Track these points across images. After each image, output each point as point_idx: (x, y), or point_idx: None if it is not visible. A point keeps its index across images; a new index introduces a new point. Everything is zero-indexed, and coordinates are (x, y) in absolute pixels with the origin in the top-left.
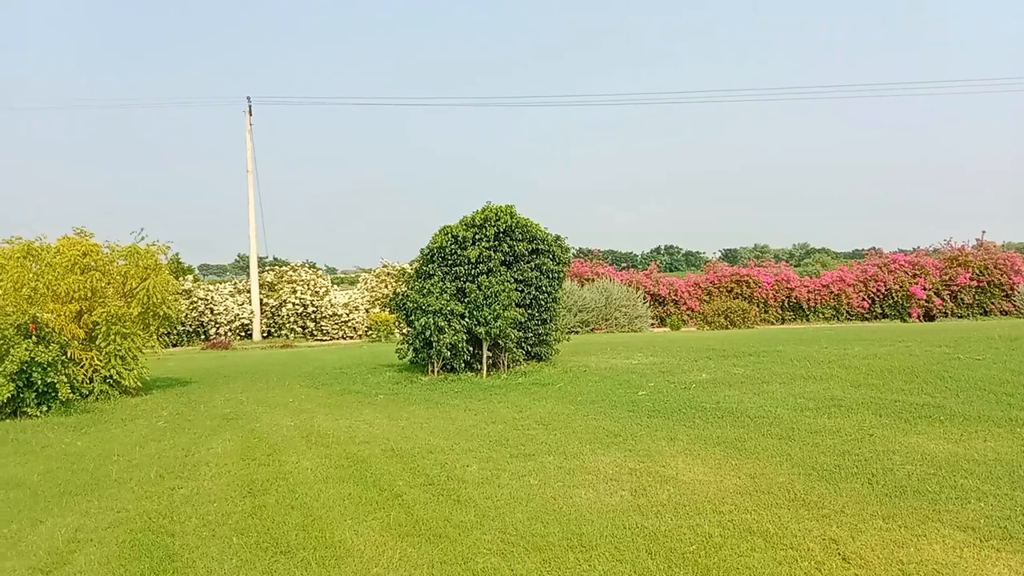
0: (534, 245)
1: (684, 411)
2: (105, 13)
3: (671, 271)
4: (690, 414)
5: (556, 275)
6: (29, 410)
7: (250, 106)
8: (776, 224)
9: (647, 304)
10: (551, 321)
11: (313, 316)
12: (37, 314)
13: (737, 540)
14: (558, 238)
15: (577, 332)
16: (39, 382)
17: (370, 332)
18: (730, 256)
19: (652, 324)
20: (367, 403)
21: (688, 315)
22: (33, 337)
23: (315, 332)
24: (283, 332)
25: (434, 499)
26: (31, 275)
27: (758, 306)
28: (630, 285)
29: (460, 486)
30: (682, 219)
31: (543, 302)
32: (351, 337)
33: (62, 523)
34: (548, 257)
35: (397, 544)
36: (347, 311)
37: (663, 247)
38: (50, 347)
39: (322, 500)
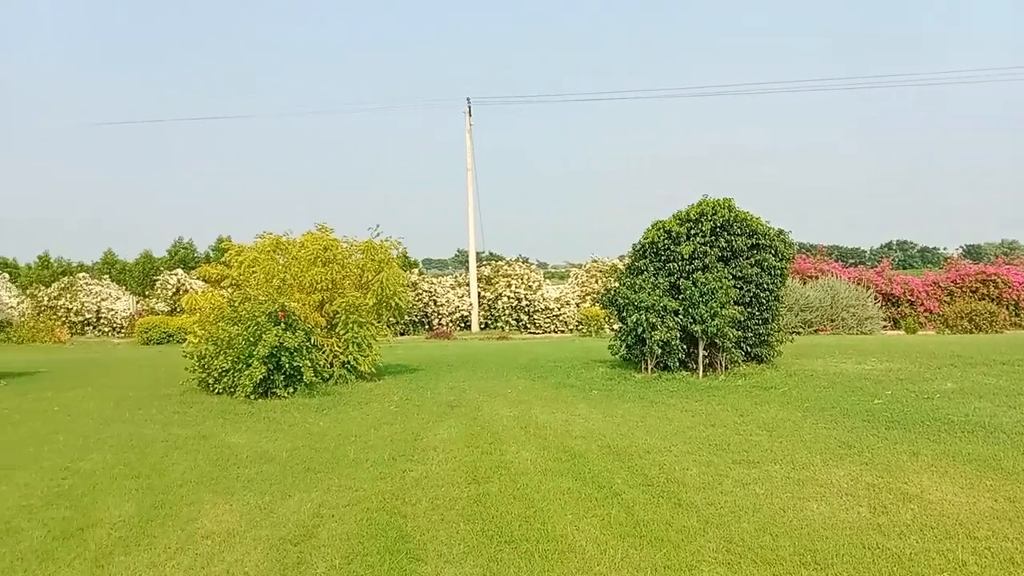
0: (754, 240)
1: (927, 423)
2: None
3: (904, 268)
4: (935, 427)
5: (778, 272)
6: (278, 391)
7: (470, 107)
8: None
9: (878, 304)
10: (773, 320)
11: (526, 309)
12: (285, 303)
13: (998, 570)
14: (780, 232)
15: (799, 333)
16: (287, 365)
17: (580, 327)
18: (973, 253)
19: (884, 326)
20: (582, 398)
21: (926, 317)
22: (282, 324)
23: (528, 325)
24: (499, 324)
25: (654, 500)
26: (280, 267)
27: (1008, 308)
28: (859, 283)
29: (680, 489)
30: (914, 213)
31: (764, 300)
32: (562, 331)
33: (307, 498)
34: (769, 252)
35: (618, 544)
36: (558, 305)
37: (895, 242)
38: (296, 333)
39: (542, 492)
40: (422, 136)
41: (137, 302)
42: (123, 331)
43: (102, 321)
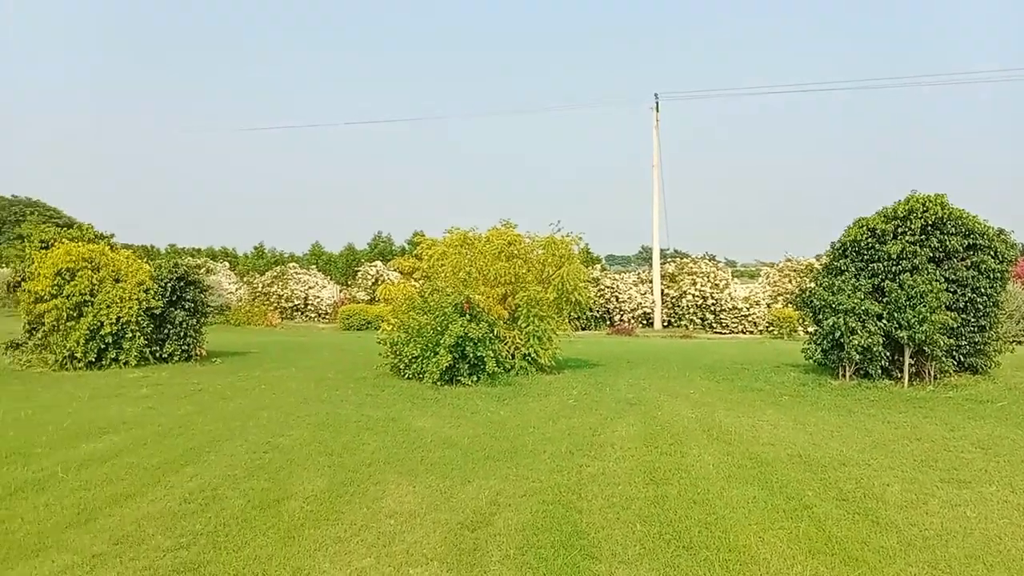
0: (970, 240)
1: None
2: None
3: None
4: None
5: (998, 275)
6: (462, 379)
7: (657, 103)
8: None
9: None
10: (991, 328)
11: (712, 308)
12: (470, 295)
13: None
14: (1001, 232)
15: (1021, 343)
16: (471, 355)
17: (771, 328)
18: None
19: None
20: (771, 403)
21: None
22: (467, 315)
23: (714, 324)
24: (682, 322)
25: (848, 517)
26: (466, 261)
27: None
28: None
29: (879, 506)
30: None
31: (981, 306)
32: (750, 332)
33: (485, 485)
34: (988, 254)
35: (807, 560)
36: (747, 305)
37: None
38: (480, 325)
39: (725, 499)
40: (609, 132)
41: (340, 290)
42: (327, 317)
43: (309, 307)
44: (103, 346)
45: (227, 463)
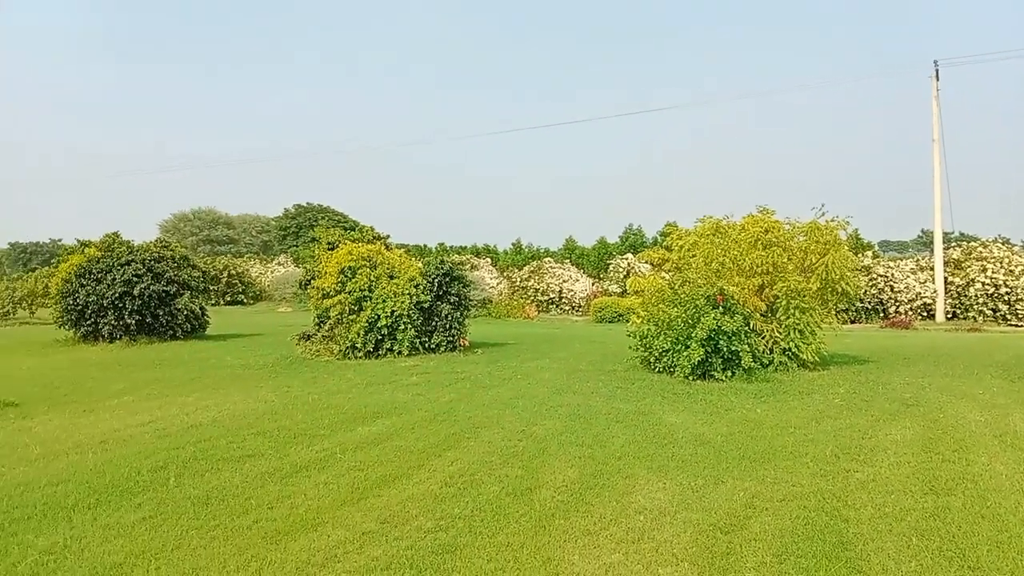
0: None
1: None
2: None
3: None
4: None
5: None
6: (715, 374)
7: (936, 71)
8: None
9: None
10: None
11: (1006, 298)
12: (723, 287)
13: None
14: None
15: None
16: (724, 349)
17: None
18: None
19: None
20: None
21: None
22: (720, 308)
23: (1008, 316)
24: (969, 314)
25: None
26: (719, 251)
27: None
28: None
29: None
30: None
31: None
32: None
33: (740, 487)
34: None
35: None
36: None
37: None
38: (735, 317)
39: (1020, 515)
40: (879, 107)
41: (593, 284)
42: (580, 310)
43: (563, 300)
44: (379, 337)
45: (484, 449)
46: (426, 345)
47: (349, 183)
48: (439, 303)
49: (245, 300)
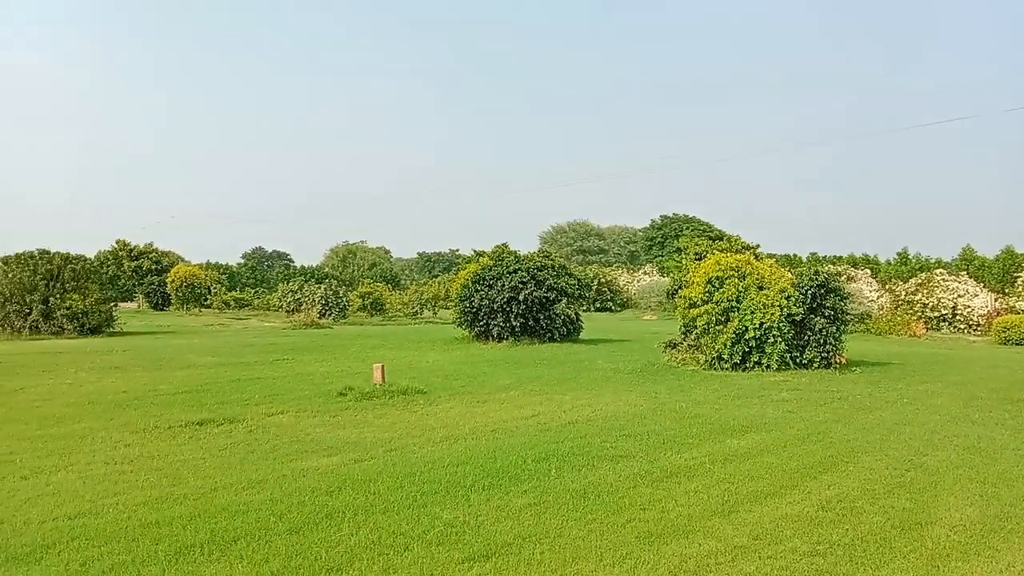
0: None
1: None
2: None
3: None
4: None
5: None
6: None
7: None
8: None
9: None
10: None
11: None
12: None
13: None
14: None
15: None
16: None
17: None
18: None
19: None
20: None
21: None
22: None
23: None
24: None
25: None
26: None
27: None
28: None
29: None
30: None
31: None
32: None
33: None
34: None
35: None
36: None
37: None
38: None
39: None
40: None
41: (995, 299)
42: (979, 329)
43: (957, 317)
44: (747, 349)
45: (865, 476)
46: (797, 360)
47: (713, 192)
48: (812, 316)
49: (613, 307)
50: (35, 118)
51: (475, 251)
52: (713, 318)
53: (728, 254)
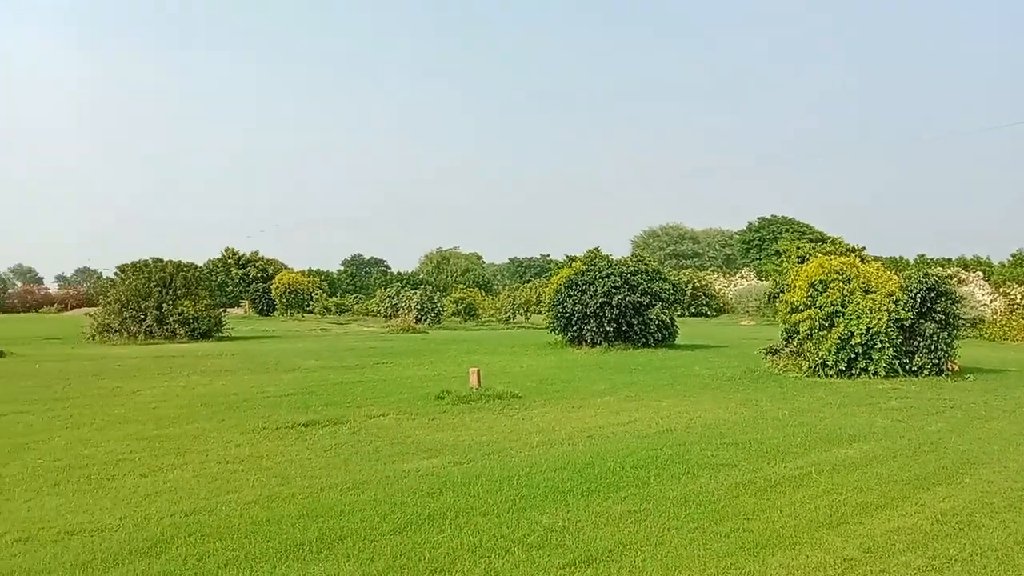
0: None
1: None
2: None
3: None
4: None
5: None
6: None
7: None
8: None
9: None
10: None
11: None
12: None
13: None
14: None
15: None
16: None
17: None
18: None
19: None
20: None
21: None
22: None
23: None
24: None
25: None
26: None
27: None
28: None
29: None
30: None
31: None
32: None
33: None
34: None
35: None
36: None
37: None
38: None
39: None
40: None
41: None
42: None
43: None
44: (853, 356)
45: (983, 489)
46: (906, 367)
47: (814, 192)
48: (922, 321)
49: (708, 312)
50: (153, 141)
51: (567, 256)
52: (817, 323)
53: (832, 257)
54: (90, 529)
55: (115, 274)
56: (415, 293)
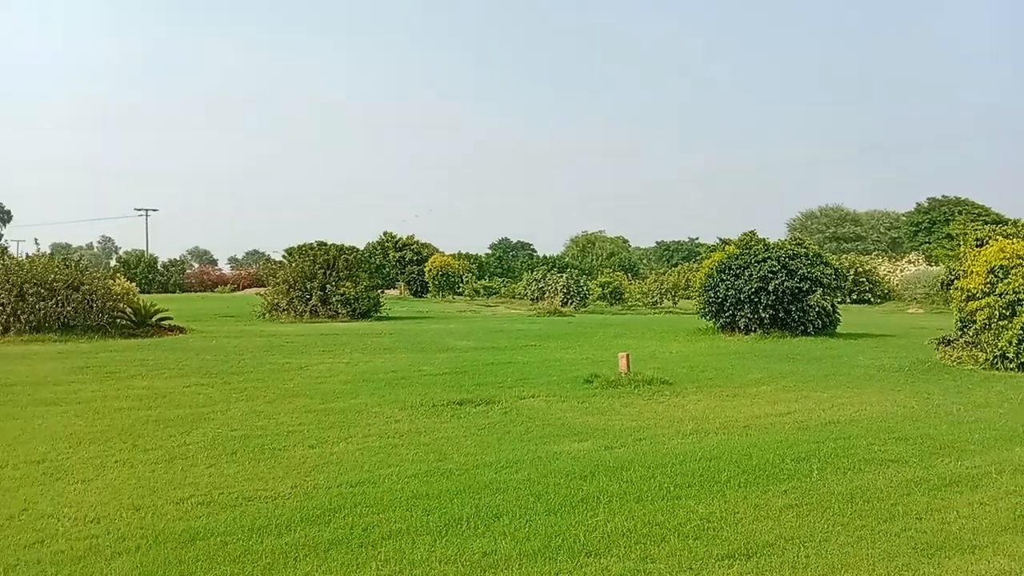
0: None
1: None
2: None
3: None
4: None
5: None
6: None
7: None
8: None
9: None
10: None
11: None
12: None
13: None
14: None
15: None
16: None
17: None
18: None
19: None
20: None
21: None
22: None
23: None
24: None
25: None
26: None
27: None
28: None
29: None
30: None
31: None
32: None
33: None
34: None
35: None
36: None
37: None
38: None
39: None
40: None
41: None
42: None
43: None
44: None
45: None
46: None
47: (991, 172)
48: None
49: (872, 299)
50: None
51: (720, 239)
52: (996, 312)
53: (1015, 240)
54: (264, 496)
55: (283, 257)
56: (561, 276)
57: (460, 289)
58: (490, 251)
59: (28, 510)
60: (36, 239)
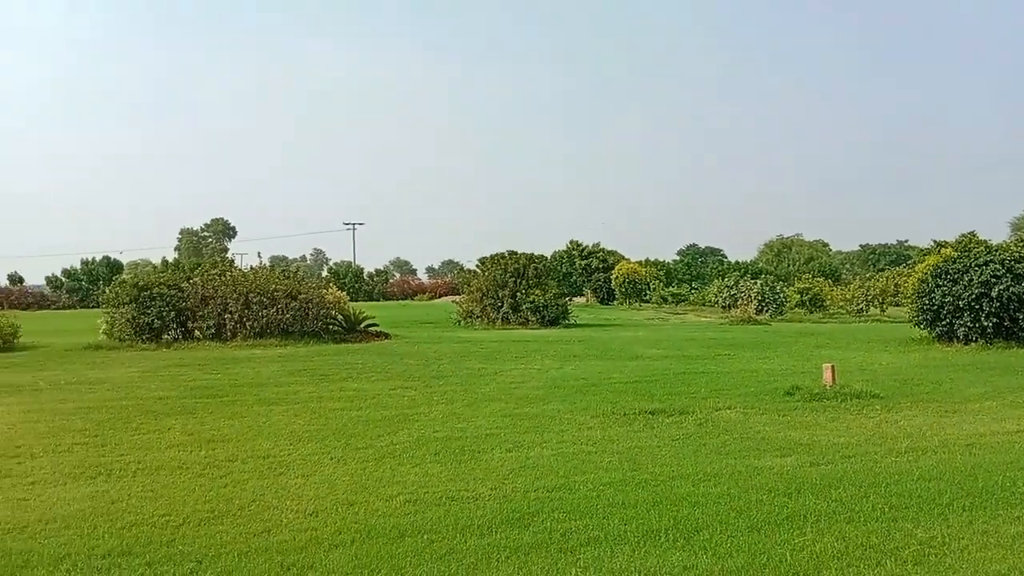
0: None
1: None
2: None
3: None
4: None
5: None
6: None
7: None
8: None
9: None
10: None
11: None
12: None
13: None
14: None
15: None
16: None
17: None
18: None
19: None
20: None
21: None
22: None
23: None
24: None
25: None
26: None
27: None
28: None
29: None
30: None
31: None
32: None
33: None
34: None
35: None
36: None
37: None
38: None
39: None
40: None
41: None
42: None
43: None
44: None
45: None
46: None
47: None
48: None
49: None
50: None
51: (935, 242)
52: None
53: None
54: (466, 497)
55: (476, 266)
56: (755, 283)
57: (647, 296)
58: (678, 257)
59: (256, 501)
60: (259, 252)
